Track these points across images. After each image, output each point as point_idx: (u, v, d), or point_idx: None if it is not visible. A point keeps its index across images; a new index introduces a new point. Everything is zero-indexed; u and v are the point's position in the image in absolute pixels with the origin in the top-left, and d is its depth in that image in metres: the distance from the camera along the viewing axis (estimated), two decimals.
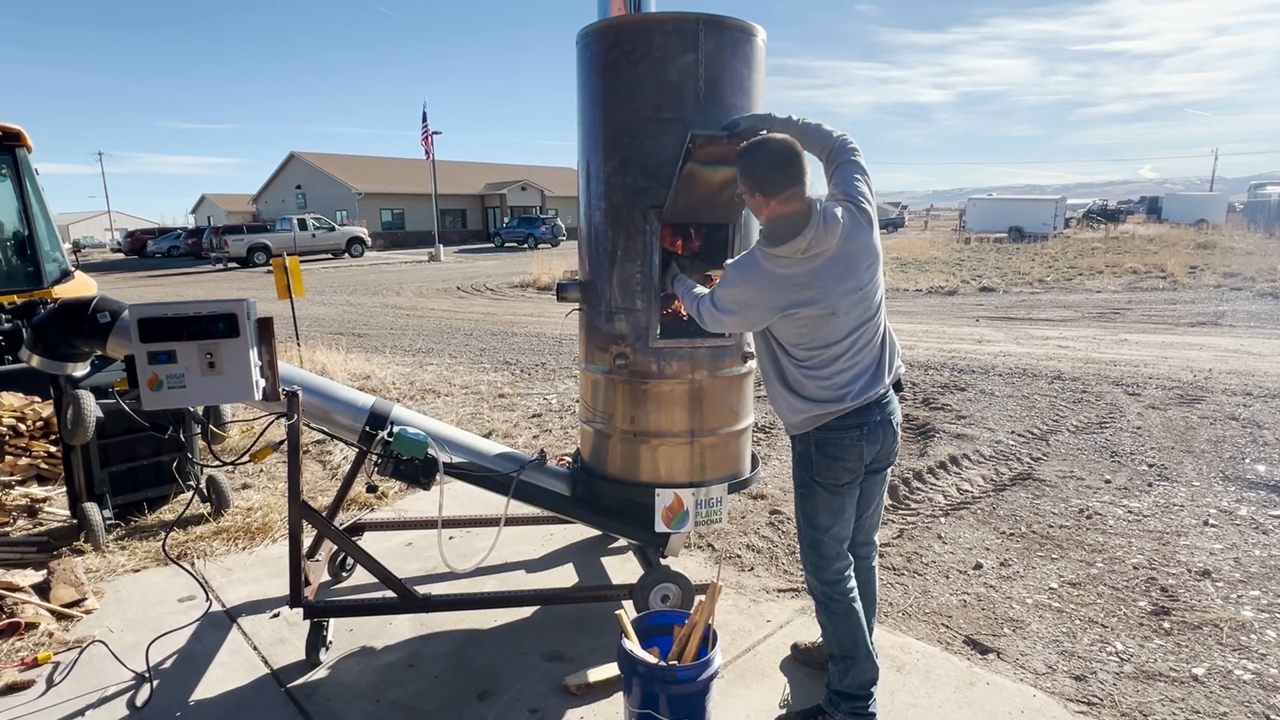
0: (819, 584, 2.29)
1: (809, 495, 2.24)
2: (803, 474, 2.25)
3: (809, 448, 2.20)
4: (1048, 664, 2.68)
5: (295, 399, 2.57)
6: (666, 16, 2.55)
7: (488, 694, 2.53)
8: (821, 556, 2.27)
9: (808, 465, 2.22)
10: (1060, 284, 15.46)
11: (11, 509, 3.96)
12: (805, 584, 2.40)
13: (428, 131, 30.64)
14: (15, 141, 6.12)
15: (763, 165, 2.07)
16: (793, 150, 2.07)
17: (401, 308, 14.48)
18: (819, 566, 2.28)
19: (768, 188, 2.07)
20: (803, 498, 2.27)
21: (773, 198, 2.07)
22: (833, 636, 2.28)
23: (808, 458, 2.21)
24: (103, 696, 2.52)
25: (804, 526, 2.29)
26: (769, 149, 2.09)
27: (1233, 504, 4.06)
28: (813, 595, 2.34)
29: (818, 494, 2.22)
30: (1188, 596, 3.12)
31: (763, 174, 2.07)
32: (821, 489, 2.20)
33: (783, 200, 2.06)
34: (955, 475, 4.58)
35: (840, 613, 2.26)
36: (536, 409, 6.31)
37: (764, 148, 2.09)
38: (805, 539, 2.30)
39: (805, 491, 2.25)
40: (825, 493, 2.20)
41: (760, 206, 2.12)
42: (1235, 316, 10.75)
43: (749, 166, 2.10)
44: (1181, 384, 6.65)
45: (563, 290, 2.87)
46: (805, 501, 2.26)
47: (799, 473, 2.27)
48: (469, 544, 3.71)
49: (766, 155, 2.08)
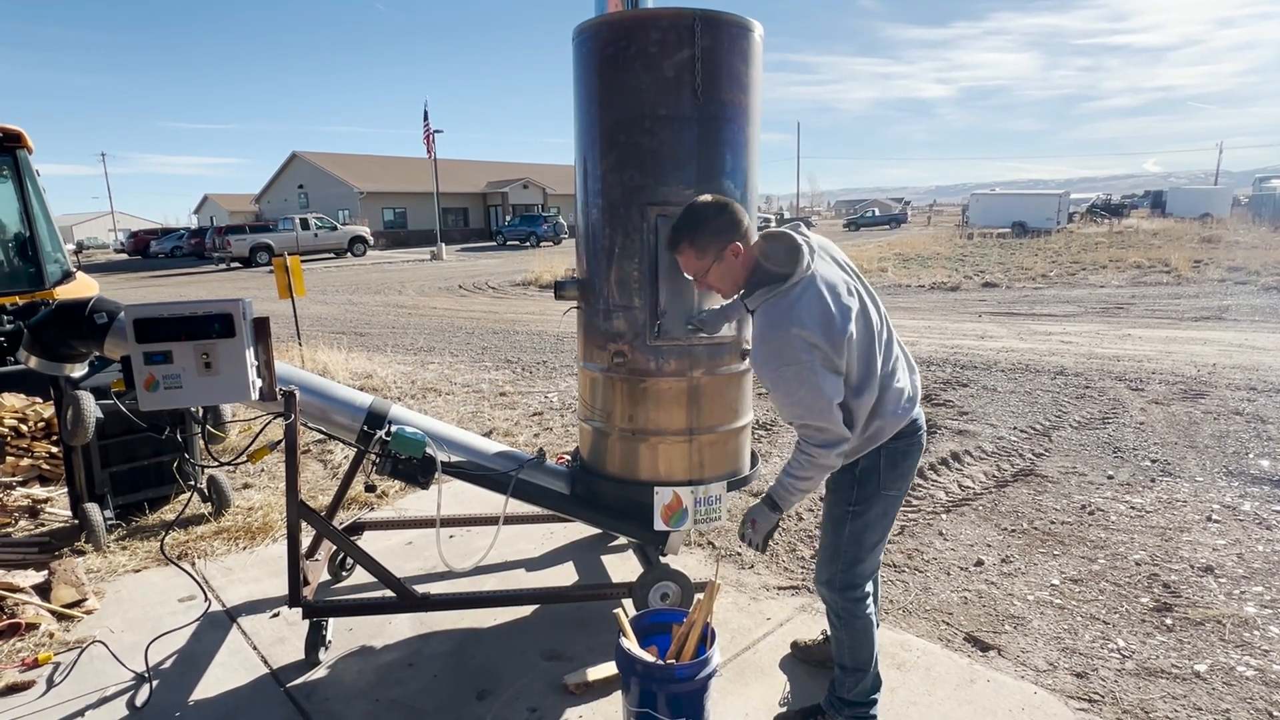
0: (844, 601, 2.19)
1: (863, 512, 2.11)
2: (863, 491, 2.10)
3: (877, 461, 2.07)
4: (1049, 661, 2.67)
5: (292, 399, 2.57)
6: (663, 12, 2.53)
7: (487, 693, 2.53)
8: (859, 575, 2.18)
9: (873, 479, 2.09)
10: (1063, 279, 15.40)
11: (13, 509, 3.97)
12: (825, 600, 2.26)
13: (429, 130, 30.61)
14: (16, 143, 6.13)
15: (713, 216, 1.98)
16: (722, 199, 2.02)
17: (403, 306, 14.49)
18: (852, 585, 2.18)
19: (731, 233, 1.96)
20: (855, 515, 2.12)
21: (744, 241, 1.98)
22: (849, 650, 2.22)
23: (874, 472, 2.08)
24: (102, 697, 2.52)
25: (848, 546, 2.14)
26: (703, 202, 2.01)
27: (1236, 499, 4.04)
28: (834, 611, 2.23)
29: (873, 509, 2.11)
30: (1190, 593, 3.11)
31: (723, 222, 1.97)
32: (882, 501, 2.11)
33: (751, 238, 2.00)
34: (957, 471, 4.57)
35: (861, 628, 2.20)
36: (537, 407, 6.31)
37: (699, 204, 2.01)
38: (846, 557, 2.16)
39: (860, 509, 2.11)
40: (884, 505, 2.12)
41: (739, 259, 1.99)
42: (1239, 311, 10.70)
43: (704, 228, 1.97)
44: (1185, 379, 6.62)
45: (561, 288, 2.87)
46: (857, 520, 2.12)
47: (856, 492, 2.11)
48: (469, 543, 3.71)
49: (709, 207, 1.99)
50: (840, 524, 2.15)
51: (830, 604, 2.24)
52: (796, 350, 1.86)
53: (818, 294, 1.90)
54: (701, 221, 1.98)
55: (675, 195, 2.60)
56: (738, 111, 2.63)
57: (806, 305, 1.88)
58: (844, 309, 1.91)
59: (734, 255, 1.98)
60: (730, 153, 2.65)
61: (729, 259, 1.98)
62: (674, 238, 2.03)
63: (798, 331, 1.86)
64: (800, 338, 1.86)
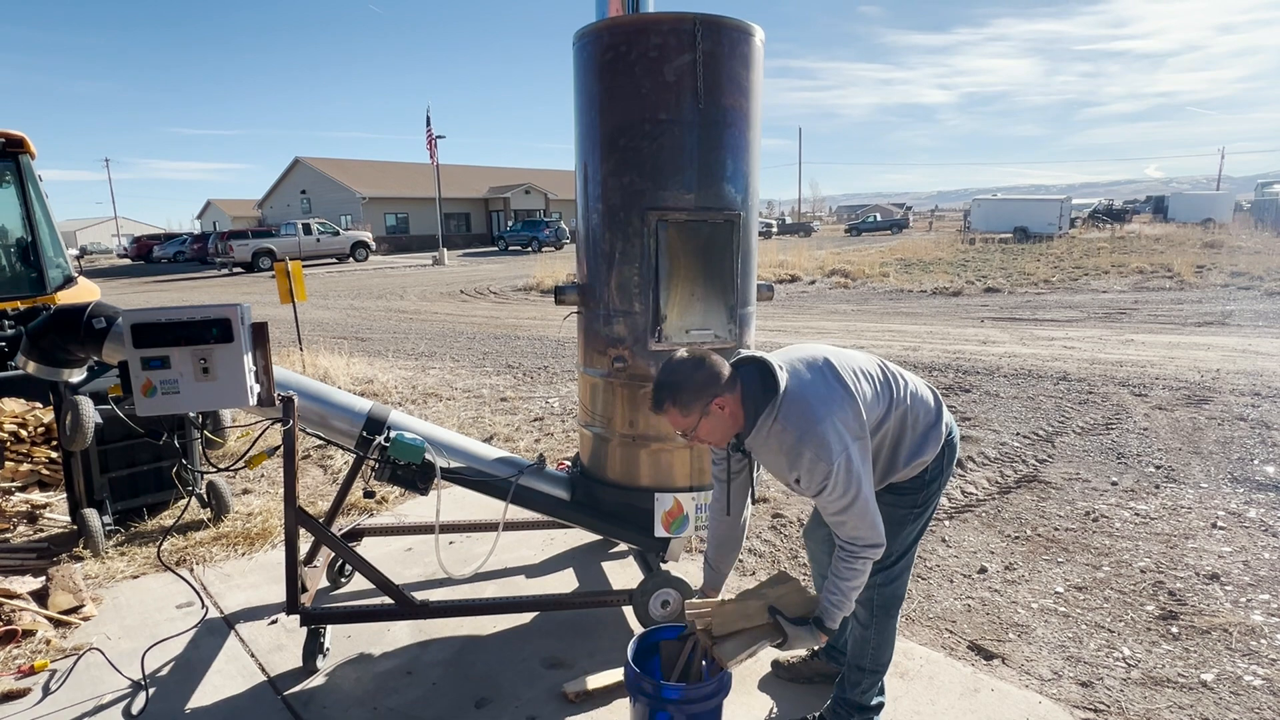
0: (884, 599, 2.15)
1: (922, 513, 2.10)
2: (929, 491, 2.08)
3: (941, 461, 2.07)
4: (1053, 670, 2.64)
5: (291, 404, 2.55)
6: (663, 17, 2.53)
7: (486, 701, 2.50)
8: (901, 573, 2.15)
9: (938, 480, 2.08)
10: (1066, 284, 15.37)
11: (12, 515, 3.96)
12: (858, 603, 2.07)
13: (431, 136, 30.70)
14: (18, 148, 6.14)
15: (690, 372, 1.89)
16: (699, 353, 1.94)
17: (405, 312, 14.49)
18: (893, 582, 2.14)
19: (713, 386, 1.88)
20: (916, 517, 2.10)
21: (728, 391, 1.90)
22: (874, 651, 2.20)
23: (938, 474, 2.08)
24: (98, 704, 2.50)
25: (898, 549, 2.10)
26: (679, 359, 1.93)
27: (1241, 506, 4.01)
28: (867, 611, 2.16)
29: (930, 507, 2.12)
30: (1196, 600, 3.08)
31: (702, 377, 1.88)
32: (936, 499, 2.12)
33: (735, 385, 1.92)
34: (960, 478, 4.54)
35: (892, 629, 2.20)
36: (538, 412, 6.29)
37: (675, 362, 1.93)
38: (891, 559, 2.09)
39: (920, 510, 2.09)
40: (933, 508, 2.14)
41: (726, 410, 1.91)
42: (1243, 316, 10.66)
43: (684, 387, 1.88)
44: (1189, 384, 6.59)
45: (561, 293, 2.86)
46: (917, 520, 2.10)
47: (923, 495, 2.08)
48: (469, 549, 3.69)
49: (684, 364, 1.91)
50: (900, 525, 2.09)
51: (865, 601, 2.14)
52: (842, 439, 1.82)
53: (809, 381, 1.90)
54: (680, 381, 1.89)
55: (676, 200, 2.59)
56: (738, 116, 2.63)
57: (814, 393, 1.87)
58: (833, 370, 1.94)
59: (720, 408, 1.91)
60: (731, 157, 2.64)
61: (715, 412, 1.91)
62: (656, 399, 1.94)
63: (828, 421, 1.83)
64: (832, 425, 1.83)
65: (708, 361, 1.91)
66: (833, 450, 1.80)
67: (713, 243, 2.74)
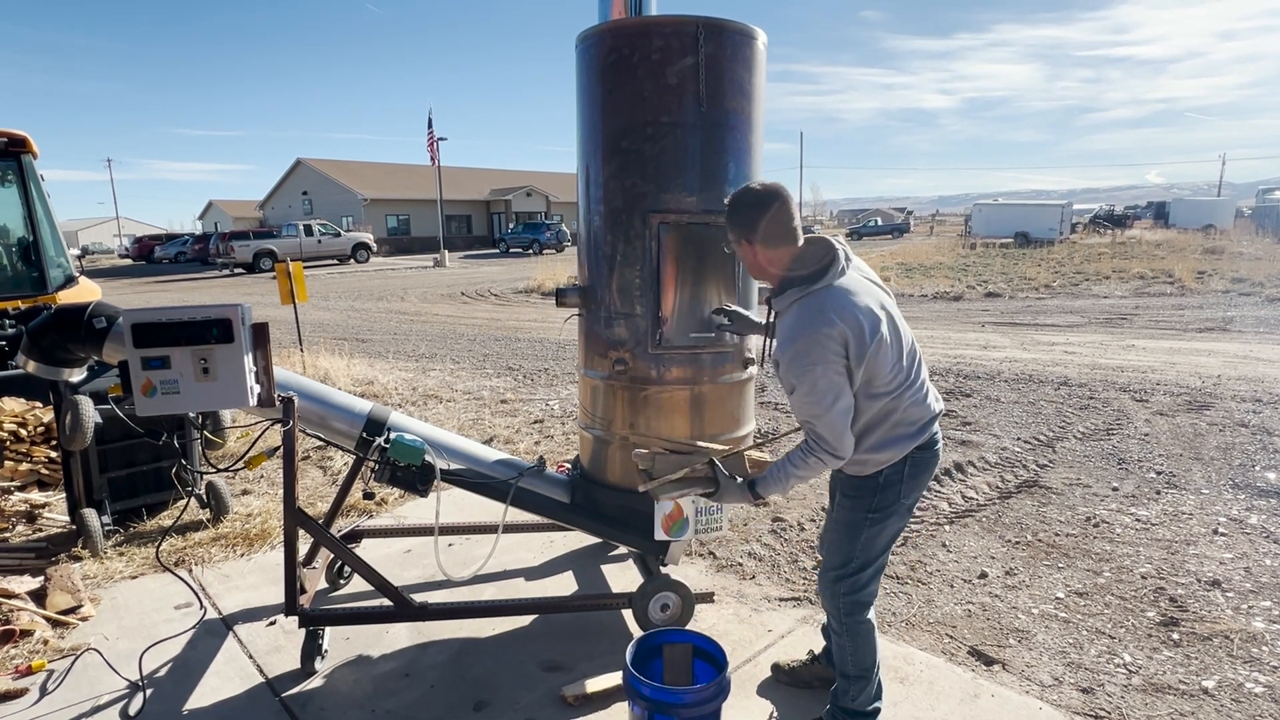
0: (849, 605, 2.17)
1: (882, 520, 2.10)
2: (884, 499, 2.08)
3: (901, 470, 2.06)
4: (1054, 676, 2.63)
5: (291, 405, 2.55)
6: (666, 20, 2.53)
7: (484, 704, 2.49)
8: (867, 581, 2.16)
9: (895, 488, 2.07)
10: (1067, 289, 15.37)
11: (11, 514, 3.95)
12: (827, 610, 2.25)
13: (433, 137, 30.75)
14: (21, 148, 6.15)
15: (758, 210, 1.97)
16: (780, 191, 2.00)
17: (405, 313, 14.49)
18: (858, 588, 2.16)
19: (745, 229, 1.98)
20: (873, 522, 2.10)
21: (779, 246, 1.98)
22: (853, 657, 2.20)
23: (897, 481, 2.07)
24: (95, 705, 2.49)
25: (861, 552, 2.13)
26: (745, 188, 2.01)
27: (1243, 512, 4.00)
28: (835, 616, 2.22)
29: (893, 518, 2.10)
30: (1197, 607, 3.07)
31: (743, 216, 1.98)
32: (901, 511, 2.10)
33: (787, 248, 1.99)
34: (960, 482, 4.53)
35: (864, 633, 2.19)
36: (539, 414, 6.29)
37: (743, 189, 2.02)
38: (856, 563, 2.14)
39: (879, 515, 2.09)
40: (900, 517, 2.12)
41: (755, 256, 2.02)
42: (1244, 322, 10.66)
43: (732, 213, 2.01)
44: (1190, 390, 6.58)
45: (562, 295, 2.85)
46: (874, 526, 2.10)
47: (878, 499, 2.09)
48: (468, 551, 3.68)
49: (745, 195, 2.00)
50: (856, 530, 2.13)
51: (833, 610, 2.22)
52: (826, 350, 1.87)
53: (848, 298, 1.92)
54: (732, 204, 2.04)
55: (677, 203, 2.59)
56: (741, 119, 2.62)
57: (837, 307, 1.90)
58: (873, 315, 1.93)
59: (747, 247, 2.03)
60: (733, 160, 2.64)
61: (743, 248, 2.05)
62: (727, 216, 2.08)
63: (828, 331, 1.87)
64: (830, 338, 1.87)
65: (759, 207, 1.96)
66: (814, 358, 1.86)
67: (714, 246, 2.74)
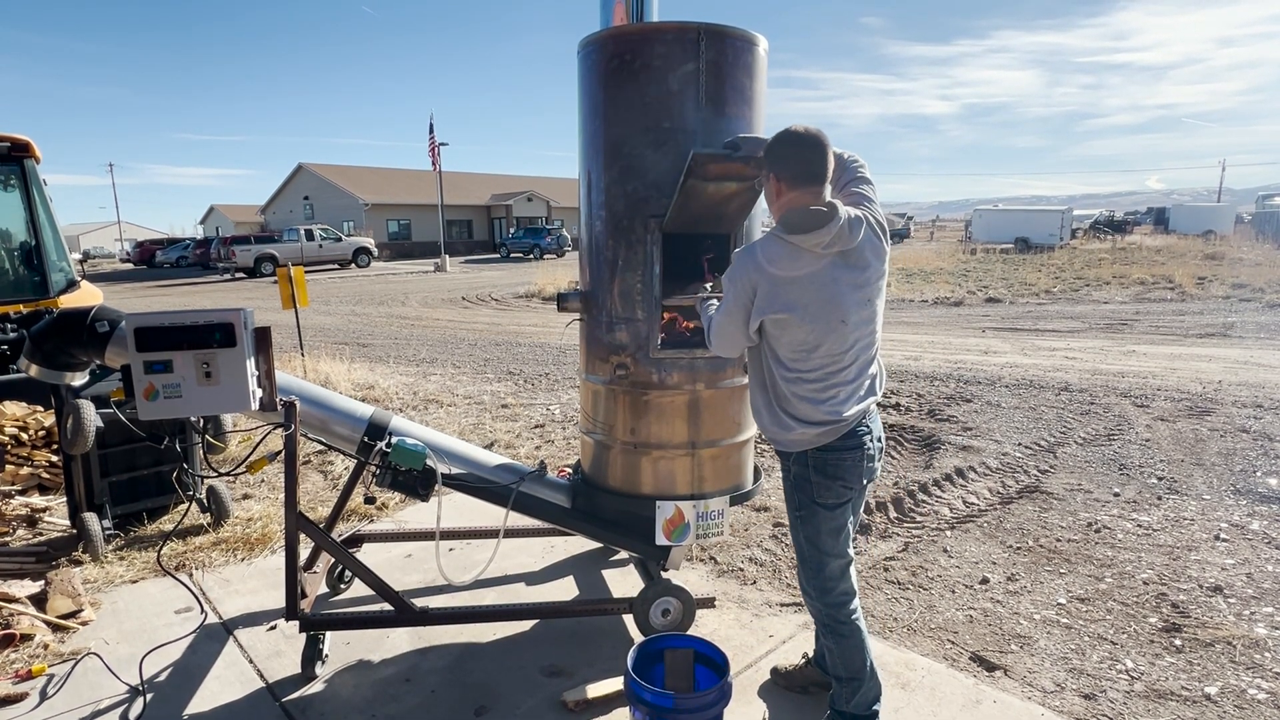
0: (824, 607, 2.21)
1: (809, 518, 2.15)
2: (800, 497, 2.15)
3: (806, 469, 2.11)
4: (1056, 681, 2.63)
5: (292, 409, 2.55)
6: (667, 26, 2.54)
7: (485, 709, 2.49)
8: (827, 579, 2.19)
9: (805, 487, 2.13)
10: (1067, 295, 15.37)
11: (11, 519, 3.95)
12: (810, 609, 2.30)
13: (434, 143, 30.81)
14: (23, 152, 6.16)
15: (789, 146, 2.01)
16: (819, 139, 2.00)
17: (406, 318, 14.50)
18: (824, 590, 2.20)
19: (789, 173, 2.01)
20: (803, 520, 2.17)
21: (796, 187, 2.00)
22: (839, 659, 2.22)
23: (805, 480, 2.12)
24: (96, 710, 2.49)
25: (808, 550, 2.19)
26: (795, 134, 2.02)
27: (1244, 518, 3.99)
28: (817, 619, 2.27)
29: (819, 516, 2.13)
30: (1199, 613, 3.06)
31: (789, 156, 2.01)
32: (823, 510, 2.12)
33: (806, 191, 2.00)
34: (961, 488, 4.53)
35: (847, 634, 2.19)
36: (539, 419, 6.29)
37: (791, 133, 2.03)
38: (810, 563, 2.20)
39: (805, 514, 2.16)
40: (827, 513, 2.13)
41: (776, 194, 2.05)
42: (1244, 328, 10.66)
43: (778, 152, 2.03)
44: (1191, 396, 6.58)
45: (563, 300, 2.86)
46: (806, 524, 2.17)
47: (796, 496, 2.17)
48: (469, 556, 3.68)
49: (794, 140, 2.01)
50: (794, 530, 2.23)
51: (813, 613, 2.28)
52: (742, 275, 2.02)
53: (786, 260, 1.97)
54: (773, 141, 2.06)
55: None
56: (742, 125, 2.63)
57: (770, 258, 1.99)
58: (789, 298, 1.98)
59: (773, 182, 2.07)
60: None
61: (770, 183, 2.08)
62: (767, 148, 2.10)
63: (751, 265, 2.00)
64: (748, 269, 2.00)
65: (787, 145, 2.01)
66: (733, 276, 2.05)
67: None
